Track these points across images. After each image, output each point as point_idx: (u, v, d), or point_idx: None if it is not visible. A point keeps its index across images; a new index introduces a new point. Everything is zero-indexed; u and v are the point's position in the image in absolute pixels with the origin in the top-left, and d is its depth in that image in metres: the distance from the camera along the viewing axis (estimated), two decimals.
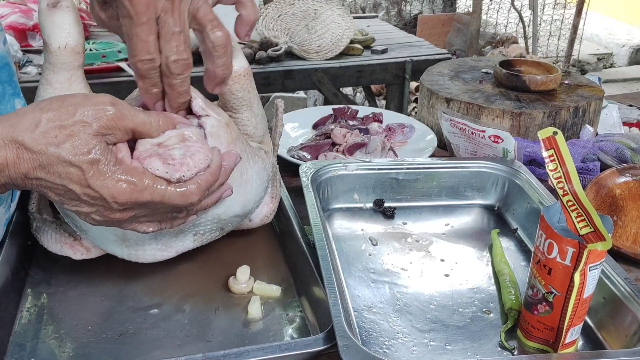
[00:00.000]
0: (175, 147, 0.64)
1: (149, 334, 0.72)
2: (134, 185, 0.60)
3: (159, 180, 0.62)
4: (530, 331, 0.72)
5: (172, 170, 0.62)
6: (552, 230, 0.66)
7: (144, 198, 0.61)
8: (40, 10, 0.70)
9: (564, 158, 0.68)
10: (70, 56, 0.70)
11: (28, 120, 0.58)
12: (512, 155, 1.04)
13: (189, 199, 0.63)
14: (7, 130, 0.57)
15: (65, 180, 0.59)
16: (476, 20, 4.81)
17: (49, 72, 0.71)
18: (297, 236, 0.85)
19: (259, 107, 0.83)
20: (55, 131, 0.57)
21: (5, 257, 0.77)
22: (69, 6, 0.70)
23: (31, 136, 0.57)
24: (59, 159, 0.57)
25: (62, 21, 0.69)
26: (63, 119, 0.58)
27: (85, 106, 0.59)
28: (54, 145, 0.57)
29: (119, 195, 0.60)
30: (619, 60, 5.92)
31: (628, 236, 0.94)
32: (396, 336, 0.74)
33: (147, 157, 0.62)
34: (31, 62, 2.33)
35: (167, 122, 0.65)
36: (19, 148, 0.57)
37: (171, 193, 0.62)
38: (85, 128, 0.58)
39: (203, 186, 0.64)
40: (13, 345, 0.70)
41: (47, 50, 0.70)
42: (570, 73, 1.48)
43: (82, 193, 0.60)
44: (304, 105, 3.70)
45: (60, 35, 0.69)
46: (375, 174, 1.01)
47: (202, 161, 0.64)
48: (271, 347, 0.65)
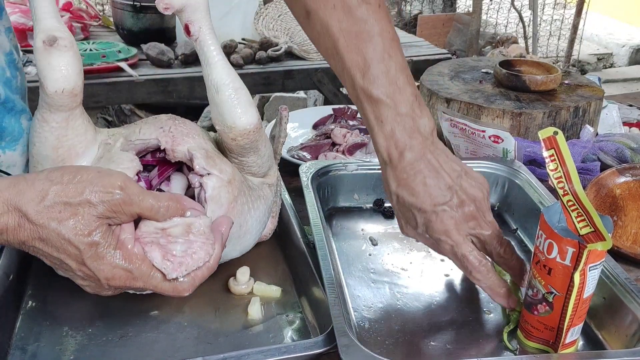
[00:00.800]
0: (178, 241, 0.62)
1: (150, 336, 0.72)
2: (130, 273, 0.60)
3: (155, 272, 0.62)
4: (530, 331, 0.72)
5: (169, 268, 0.61)
6: (552, 230, 0.66)
7: (137, 285, 0.62)
8: (36, 49, 0.67)
9: (564, 158, 0.68)
10: (67, 99, 0.68)
11: (36, 190, 0.58)
12: (512, 155, 1.03)
13: (180, 294, 0.64)
14: (13, 197, 0.57)
15: (63, 255, 0.59)
16: (476, 20, 4.81)
17: (45, 111, 0.69)
18: (297, 236, 0.85)
19: (266, 147, 0.80)
20: (60, 206, 0.57)
21: (6, 259, 0.77)
22: (67, 45, 0.67)
23: (36, 208, 0.57)
24: (59, 236, 0.58)
25: (58, 63, 0.66)
26: (70, 196, 0.58)
27: (95, 185, 0.59)
28: (57, 221, 0.57)
29: (113, 280, 0.60)
30: (619, 60, 5.91)
31: (628, 236, 0.94)
32: (396, 336, 0.74)
33: (148, 243, 0.61)
34: (31, 62, 2.33)
35: (177, 209, 0.64)
36: (21, 217, 0.57)
37: (164, 286, 0.63)
38: (90, 209, 0.58)
39: (197, 282, 0.64)
40: (14, 348, 0.70)
41: (43, 92, 0.68)
42: (570, 73, 1.48)
43: (77, 269, 0.60)
44: (304, 105, 3.70)
45: (57, 79, 0.67)
46: (375, 174, 1.01)
47: (202, 260, 0.63)
48: (271, 350, 0.65)
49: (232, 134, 0.74)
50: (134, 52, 2.49)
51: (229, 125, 0.73)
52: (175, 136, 0.74)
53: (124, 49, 2.48)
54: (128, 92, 2.37)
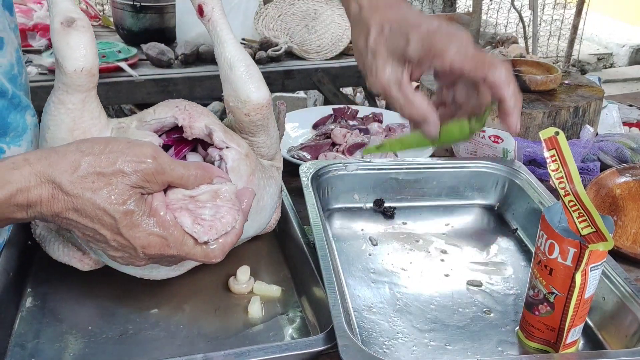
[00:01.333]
0: (206, 206, 0.63)
1: (150, 334, 0.72)
2: (164, 240, 0.61)
3: (187, 237, 0.62)
4: (532, 331, 0.72)
5: (200, 232, 0.62)
6: (553, 231, 0.66)
7: (171, 252, 0.62)
8: (54, 30, 0.67)
9: (565, 158, 0.68)
10: (86, 79, 0.69)
11: (68, 161, 0.58)
12: (512, 155, 1.03)
13: (211, 260, 0.64)
14: (45, 169, 0.57)
15: (97, 225, 0.59)
16: (476, 20, 4.81)
17: (62, 93, 0.69)
18: (297, 236, 0.85)
19: (275, 129, 0.83)
20: (93, 177, 0.58)
21: (6, 257, 0.77)
22: (85, 25, 0.68)
23: (69, 179, 0.57)
24: (94, 205, 0.58)
25: (77, 43, 0.67)
26: (103, 166, 0.58)
27: (127, 155, 0.59)
28: (91, 191, 0.57)
29: (149, 247, 0.61)
30: (619, 60, 5.91)
31: (628, 236, 0.94)
32: (396, 336, 0.74)
33: (177, 209, 0.62)
34: (31, 62, 2.32)
35: (204, 177, 0.65)
36: (55, 188, 0.57)
37: (196, 252, 0.63)
38: (124, 178, 0.58)
39: (227, 248, 0.65)
40: (13, 345, 0.70)
41: (61, 72, 0.68)
42: (570, 73, 1.48)
43: (112, 239, 0.60)
44: (304, 105, 3.70)
45: (76, 58, 0.67)
46: (375, 174, 1.01)
47: (230, 224, 0.64)
48: (272, 347, 0.65)
49: (245, 108, 0.76)
50: (134, 52, 2.48)
51: (243, 99, 0.75)
52: (192, 114, 0.76)
53: (124, 49, 2.48)
54: (128, 92, 2.37)
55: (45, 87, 2.19)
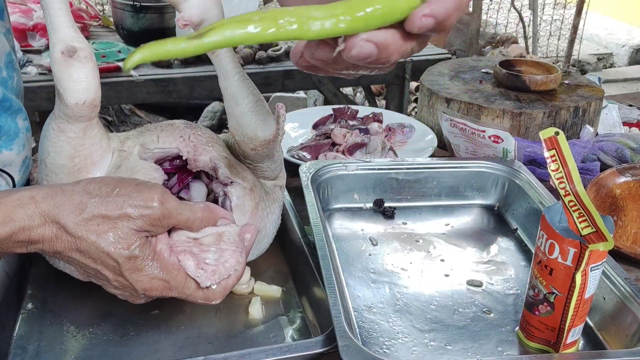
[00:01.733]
0: (210, 250, 0.63)
1: (150, 335, 0.72)
2: (167, 283, 0.61)
3: (189, 281, 0.62)
4: (532, 331, 0.72)
5: (203, 277, 0.62)
6: (554, 231, 0.66)
7: (172, 294, 0.63)
8: (54, 59, 0.65)
9: (565, 158, 0.68)
10: (88, 110, 0.67)
11: (74, 203, 0.58)
12: (512, 155, 1.04)
13: (210, 302, 0.65)
14: (51, 209, 0.57)
15: (100, 266, 0.59)
16: (476, 20, 4.81)
17: (62, 122, 0.68)
18: (297, 236, 0.85)
19: (279, 153, 0.82)
20: (98, 220, 0.58)
21: (6, 258, 0.77)
22: (87, 56, 0.66)
23: (74, 221, 0.57)
24: (98, 249, 0.58)
25: (79, 75, 0.65)
26: (109, 210, 0.58)
27: (134, 200, 0.59)
28: (95, 234, 0.58)
29: (151, 290, 0.61)
30: (619, 60, 5.91)
31: (628, 236, 0.94)
32: (396, 336, 0.74)
33: (181, 252, 0.62)
34: (31, 62, 2.32)
35: (210, 219, 0.65)
36: (59, 229, 0.57)
37: (197, 295, 0.63)
38: (129, 223, 0.58)
39: (227, 291, 0.65)
40: (15, 347, 0.70)
41: (62, 103, 0.66)
42: (570, 73, 1.48)
43: (114, 279, 0.60)
44: (304, 105, 3.70)
45: (78, 91, 0.65)
46: (375, 174, 1.01)
47: (233, 268, 0.64)
48: (272, 349, 0.65)
49: (252, 144, 0.75)
50: None
51: (250, 136, 0.74)
52: (197, 145, 0.74)
53: (124, 49, 2.48)
54: (128, 92, 2.37)
55: (45, 87, 2.19)
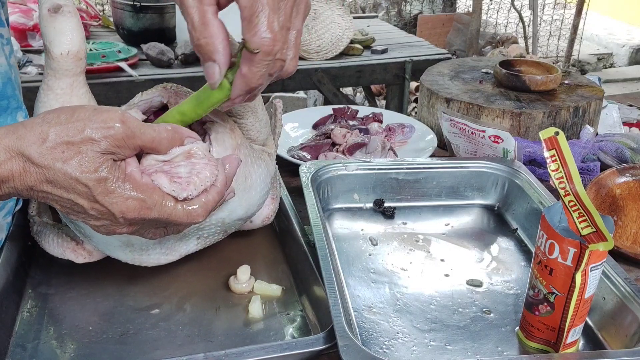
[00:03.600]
0: (181, 165, 0.63)
1: (150, 334, 0.72)
2: (143, 202, 0.60)
3: (167, 198, 0.61)
4: (532, 331, 0.72)
5: (178, 189, 0.62)
6: (554, 231, 0.66)
7: (152, 215, 0.61)
8: (41, 16, 0.69)
9: (565, 158, 0.68)
10: (73, 62, 0.70)
11: (35, 133, 0.57)
12: (512, 155, 1.04)
13: (194, 219, 0.63)
14: (14, 142, 0.56)
15: (73, 195, 0.58)
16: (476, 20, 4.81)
17: (50, 78, 0.71)
18: (298, 236, 0.85)
19: (263, 112, 0.83)
20: (62, 147, 0.57)
21: (6, 258, 0.77)
22: (71, 11, 0.69)
23: (38, 150, 0.56)
24: (65, 175, 0.57)
25: (63, 27, 0.69)
26: (71, 135, 0.57)
27: (94, 122, 0.58)
28: (61, 162, 0.57)
29: (128, 212, 0.60)
30: (619, 60, 5.91)
31: (628, 236, 0.94)
32: (396, 336, 0.74)
33: (153, 173, 0.62)
34: (31, 62, 2.33)
35: (176, 139, 0.64)
36: (25, 161, 0.56)
37: (178, 212, 0.62)
38: (93, 146, 0.57)
39: (209, 206, 0.64)
40: (14, 346, 0.70)
41: (49, 57, 0.69)
42: (570, 73, 1.48)
43: (90, 208, 0.59)
44: (304, 105, 3.70)
45: (62, 42, 0.69)
46: (375, 174, 1.01)
47: (208, 179, 0.64)
48: (272, 347, 0.65)
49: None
50: (134, 52, 2.49)
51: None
52: (178, 93, 0.77)
53: (124, 49, 2.48)
54: (128, 92, 2.37)
55: None
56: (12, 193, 0.58)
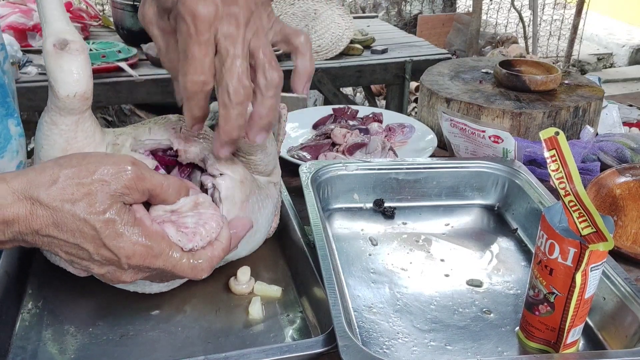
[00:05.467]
0: (188, 215, 0.63)
1: (150, 335, 0.72)
2: (150, 249, 0.59)
3: (174, 248, 0.61)
4: (532, 332, 0.72)
5: (185, 240, 0.62)
6: (554, 231, 0.66)
7: (157, 264, 0.60)
8: (46, 52, 0.65)
9: (565, 158, 0.68)
10: (79, 103, 0.67)
11: (46, 176, 0.57)
12: (512, 155, 1.04)
13: (198, 275, 0.63)
14: (23, 185, 0.56)
15: (79, 239, 0.57)
16: (476, 20, 4.81)
17: (54, 114, 0.68)
18: (297, 236, 0.85)
19: (273, 146, 0.81)
20: (72, 188, 0.56)
21: (6, 259, 0.77)
22: (79, 49, 0.66)
23: (47, 192, 0.56)
24: (74, 217, 0.56)
25: (70, 67, 0.65)
26: (82, 177, 0.57)
27: (106, 165, 0.58)
28: (70, 203, 0.56)
29: (134, 257, 0.59)
30: (619, 60, 5.92)
31: (628, 236, 0.94)
32: (396, 336, 0.74)
33: (160, 223, 0.62)
34: (31, 62, 2.33)
35: (183, 187, 0.65)
36: (33, 204, 0.56)
37: (183, 264, 0.62)
38: (104, 187, 0.57)
39: (214, 262, 0.64)
40: (14, 347, 0.70)
41: (54, 96, 0.67)
42: (570, 73, 1.48)
43: (95, 253, 0.58)
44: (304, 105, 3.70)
45: (69, 83, 0.66)
46: (375, 174, 1.01)
47: (215, 230, 0.64)
48: (272, 349, 0.65)
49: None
50: (134, 52, 2.49)
51: None
52: (187, 137, 0.74)
53: (124, 49, 2.48)
54: (128, 92, 2.37)
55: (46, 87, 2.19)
56: (16, 238, 0.58)
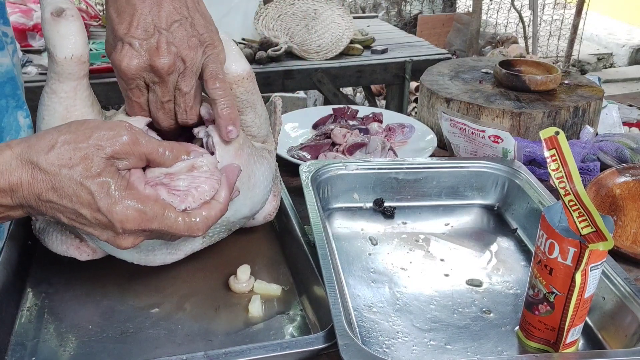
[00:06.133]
0: (180, 178, 0.64)
1: (150, 332, 0.72)
2: (144, 214, 0.60)
3: (168, 210, 0.62)
4: (531, 331, 0.72)
5: (176, 201, 0.63)
6: (554, 230, 0.66)
7: (152, 226, 0.61)
8: (44, 20, 0.69)
9: (565, 158, 0.68)
10: (76, 66, 0.70)
11: (45, 141, 0.58)
12: (512, 155, 1.04)
13: (194, 233, 0.64)
14: (24, 150, 0.58)
15: (77, 204, 0.59)
16: (476, 20, 4.81)
17: (54, 82, 0.71)
18: (298, 236, 0.85)
19: (262, 108, 0.83)
20: (69, 153, 0.58)
21: (6, 256, 0.77)
22: (74, 15, 0.69)
23: (46, 157, 0.58)
24: (71, 180, 0.58)
25: (67, 31, 0.69)
26: (78, 141, 0.59)
27: (101, 130, 0.60)
28: (67, 167, 0.58)
29: (127, 222, 0.60)
30: (619, 60, 5.92)
31: (628, 236, 0.94)
32: (396, 336, 0.74)
33: (154, 185, 0.63)
34: (31, 62, 2.33)
35: (180, 150, 0.66)
36: (34, 169, 0.58)
37: (179, 224, 0.63)
38: (99, 151, 0.59)
39: (210, 221, 0.65)
40: (14, 344, 0.70)
41: (53, 61, 0.70)
42: (570, 73, 1.48)
43: (92, 217, 0.60)
44: (304, 105, 3.70)
45: (66, 46, 0.69)
46: (375, 173, 1.01)
47: (207, 192, 0.65)
48: (272, 345, 0.65)
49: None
50: None
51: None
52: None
53: None
54: None
55: None
56: (22, 204, 0.59)
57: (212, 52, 0.69)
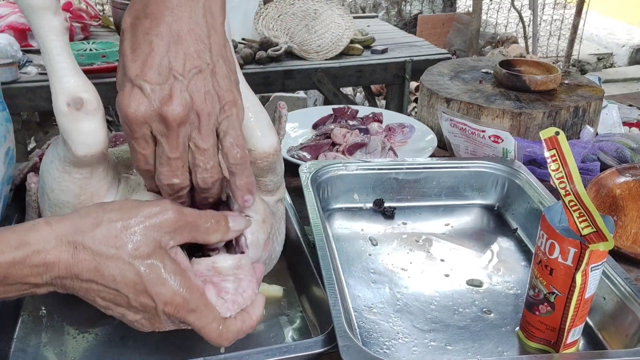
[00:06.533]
0: (228, 279, 0.62)
1: (150, 336, 0.72)
2: (187, 303, 0.58)
3: (209, 310, 0.60)
4: (532, 331, 0.72)
5: (223, 308, 0.61)
6: (554, 231, 0.66)
7: (189, 319, 0.59)
8: (60, 112, 0.61)
9: (566, 158, 0.68)
10: (97, 159, 0.65)
11: (90, 219, 0.56)
12: (512, 155, 1.04)
13: (222, 343, 0.62)
14: (67, 229, 0.55)
15: (120, 284, 0.56)
16: (476, 20, 4.81)
17: (68, 165, 0.65)
18: (297, 236, 0.85)
19: (281, 166, 0.79)
20: (116, 231, 0.56)
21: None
22: (95, 108, 0.62)
23: (91, 235, 0.55)
24: (118, 261, 0.55)
25: (89, 129, 0.61)
26: (125, 218, 0.56)
27: (147, 207, 0.57)
28: (115, 248, 0.55)
29: (171, 305, 0.57)
30: (619, 60, 5.91)
31: (628, 236, 0.94)
32: (396, 336, 0.74)
33: (203, 280, 0.61)
34: (31, 62, 2.32)
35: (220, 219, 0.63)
36: (76, 248, 0.55)
37: (211, 328, 0.60)
38: (148, 231, 0.56)
39: (240, 337, 0.63)
40: (15, 349, 0.70)
41: (69, 152, 0.63)
42: (570, 73, 1.48)
43: (134, 299, 0.57)
44: (304, 105, 3.70)
45: (88, 144, 0.62)
46: (375, 174, 1.01)
47: (250, 298, 0.64)
48: (272, 350, 0.65)
49: (251, 157, 0.71)
50: None
51: (249, 148, 0.71)
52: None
53: None
54: None
55: (45, 87, 2.19)
56: (53, 283, 0.56)
57: (231, 113, 0.61)
